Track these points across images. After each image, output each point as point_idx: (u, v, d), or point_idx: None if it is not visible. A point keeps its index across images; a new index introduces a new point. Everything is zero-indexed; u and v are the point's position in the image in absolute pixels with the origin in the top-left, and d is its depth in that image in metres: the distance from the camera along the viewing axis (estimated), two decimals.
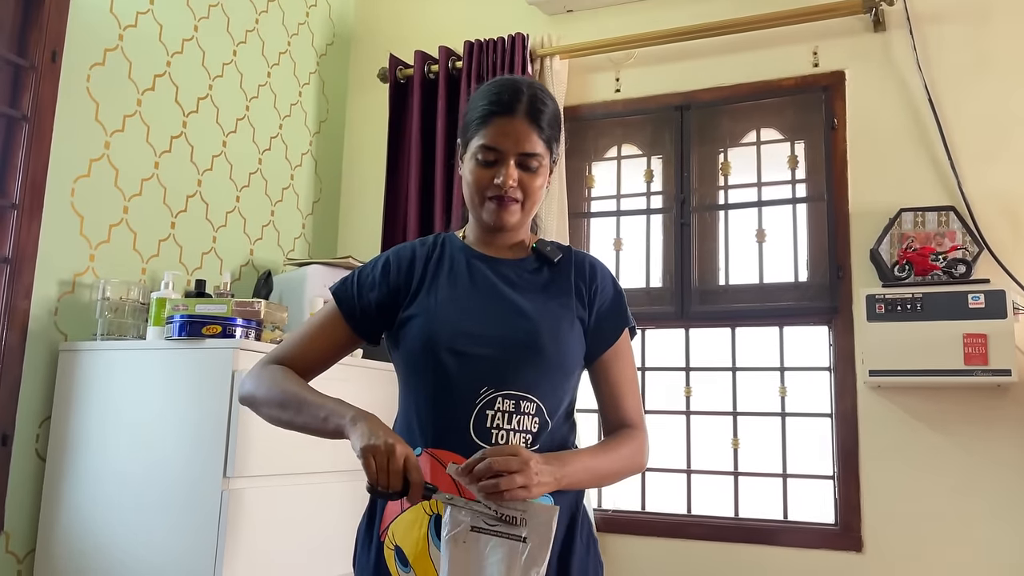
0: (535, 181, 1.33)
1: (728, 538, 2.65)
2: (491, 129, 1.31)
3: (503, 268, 1.38)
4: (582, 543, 1.33)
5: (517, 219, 1.34)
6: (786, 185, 2.83)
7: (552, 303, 1.35)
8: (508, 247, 1.41)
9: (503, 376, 1.26)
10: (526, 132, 1.31)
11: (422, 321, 1.31)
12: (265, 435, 2.02)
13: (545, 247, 1.41)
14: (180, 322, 2.06)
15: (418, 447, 1.27)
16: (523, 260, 1.40)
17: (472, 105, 1.37)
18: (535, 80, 1.78)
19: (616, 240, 3.03)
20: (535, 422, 1.27)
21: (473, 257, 1.39)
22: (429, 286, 1.36)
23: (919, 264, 2.46)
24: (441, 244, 1.42)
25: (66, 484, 2.11)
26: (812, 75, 2.79)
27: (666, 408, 2.88)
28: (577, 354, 1.35)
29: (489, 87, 1.37)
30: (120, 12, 2.43)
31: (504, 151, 1.31)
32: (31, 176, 2.14)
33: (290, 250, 3.11)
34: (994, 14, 2.60)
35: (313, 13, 3.30)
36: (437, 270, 1.38)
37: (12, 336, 2.08)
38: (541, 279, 1.38)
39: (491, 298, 1.34)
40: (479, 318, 1.31)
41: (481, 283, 1.35)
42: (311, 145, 3.26)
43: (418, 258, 1.39)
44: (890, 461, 2.51)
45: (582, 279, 1.39)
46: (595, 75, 3.08)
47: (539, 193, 1.36)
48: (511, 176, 1.30)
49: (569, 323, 1.34)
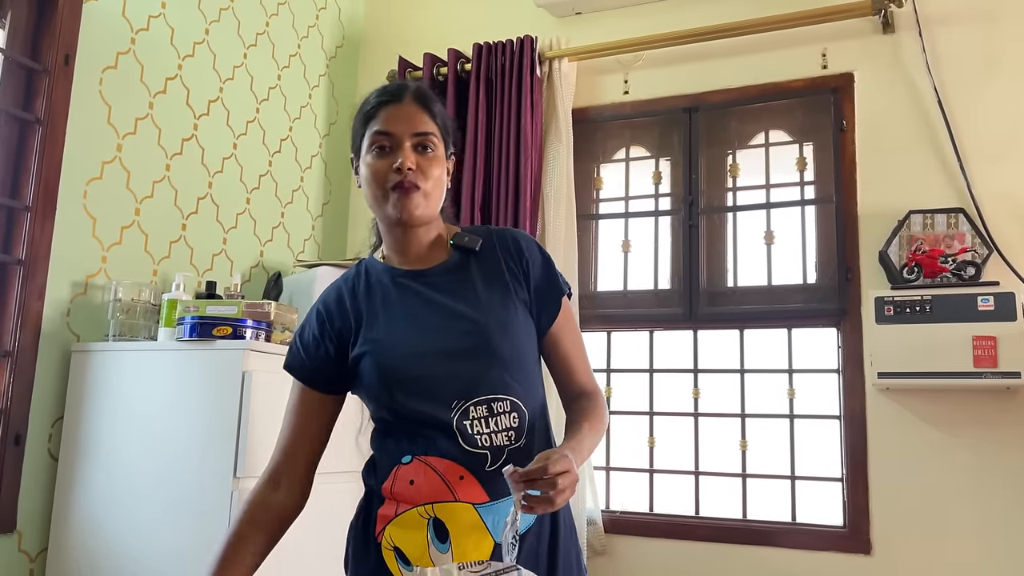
0: (433, 167, 1.31)
1: (736, 540, 2.65)
2: (382, 117, 1.32)
3: (429, 277, 1.35)
4: (566, 528, 1.34)
5: (422, 210, 1.30)
6: (795, 187, 2.83)
7: (489, 295, 1.33)
8: (426, 250, 1.37)
9: (468, 386, 1.26)
10: (417, 114, 1.32)
11: (372, 358, 1.30)
12: (275, 436, 2.04)
13: (463, 239, 1.38)
14: (191, 323, 2.07)
15: (406, 455, 1.27)
16: (446, 262, 1.37)
17: (361, 107, 1.37)
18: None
19: (624, 242, 3.03)
20: (514, 418, 1.27)
21: (398, 276, 1.36)
22: (368, 320, 1.34)
23: (928, 266, 2.46)
24: (365, 273, 1.40)
25: (78, 484, 2.13)
26: (821, 77, 2.78)
27: (674, 410, 2.88)
28: (529, 339, 1.34)
29: (375, 89, 1.38)
30: (132, 16, 2.45)
31: (398, 134, 1.30)
32: (44, 179, 2.16)
33: (300, 251, 3.12)
34: (1003, 15, 2.59)
35: (323, 16, 3.31)
36: (369, 301, 1.36)
37: (25, 337, 2.11)
38: (471, 274, 1.35)
39: (430, 313, 1.31)
40: (424, 337, 1.29)
41: (414, 300, 1.33)
42: (321, 147, 3.28)
43: (346, 296, 1.38)
44: (899, 463, 2.51)
45: (510, 257, 1.37)
46: (604, 77, 3.09)
47: (439, 182, 1.33)
48: (409, 158, 1.29)
49: (513, 311, 1.32)
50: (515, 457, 1.24)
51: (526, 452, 1.26)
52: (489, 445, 1.25)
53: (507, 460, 1.24)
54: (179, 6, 2.61)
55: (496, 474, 1.23)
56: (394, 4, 3.52)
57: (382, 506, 1.30)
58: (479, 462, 1.24)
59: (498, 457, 1.25)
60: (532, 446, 1.29)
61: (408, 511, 1.26)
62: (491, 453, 1.25)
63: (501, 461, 1.24)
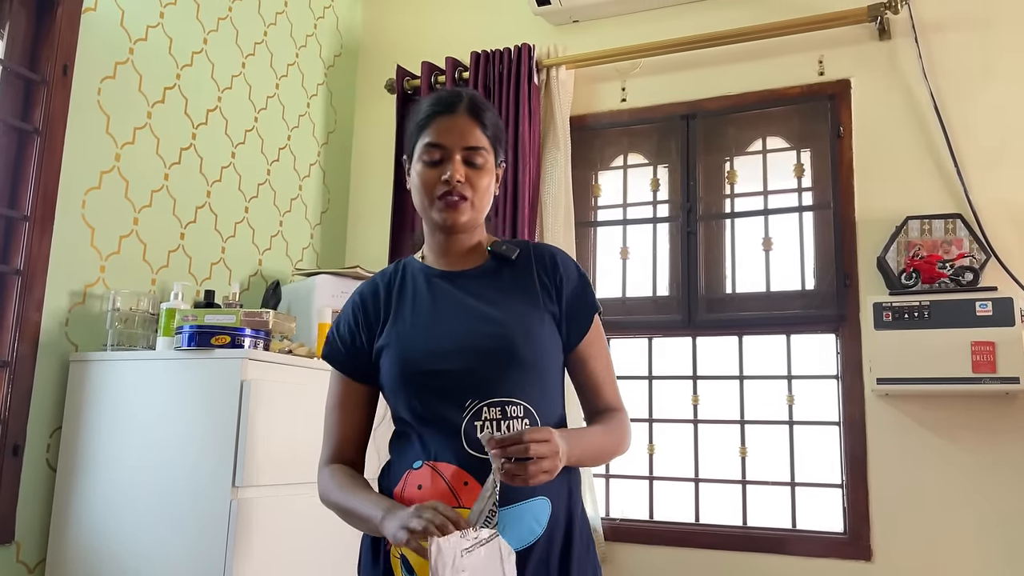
0: (482, 179, 1.35)
1: (736, 547, 2.65)
2: (434, 128, 1.35)
3: (463, 280, 1.39)
4: (581, 543, 1.33)
5: (468, 218, 1.35)
6: (792, 193, 2.83)
7: (518, 303, 1.35)
8: (465, 254, 1.41)
9: (484, 386, 1.28)
10: (469, 127, 1.35)
11: (394, 350, 1.33)
12: (273, 444, 2.04)
13: (501, 247, 1.42)
14: (189, 332, 2.07)
15: (417, 460, 1.29)
16: (482, 266, 1.41)
17: (414, 115, 1.40)
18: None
19: (623, 249, 3.04)
20: (525, 424, 1.28)
21: (433, 276, 1.40)
22: (395, 314, 1.37)
23: (926, 272, 2.46)
24: (402, 270, 1.44)
25: (76, 494, 2.12)
26: (818, 83, 2.79)
27: (674, 416, 2.88)
28: (553, 350, 1.36)
29: (428, 97, 1.41)
30: (130, 26, 2.46)
31: (449, 147, 1.33)
32: (43, 188, 2.16)
33: (298, 260, 3.12)
34: (999, 22, 2.60)
35: (321, 25, 3.32)
36: (401, 297, 1.40)
37: (24, 347, 2.10)
38: (503, 281, 1.38)
39: (457, 312, 1.35)
40: (448, 334, 1.32)
41: (444, 299, 1.37)
42: (319, 156, 3.28)
43: (381, 289, 1.42)
44: (899, 469, 2.50)
45: (545, 272, 1.39)
46: (601, 85, 3.10)
47: (487, 192, 1.37)
48: (458, 171, 1.32)
49: (539, 320, 1.35)
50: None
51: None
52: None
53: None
54: (177, 16, 2.62)
55: (502, 480, 1.22)
56: (392, 13, 3.53)
57: None
58: (484, 468, 1.24)
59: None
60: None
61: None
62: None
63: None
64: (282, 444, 2.06)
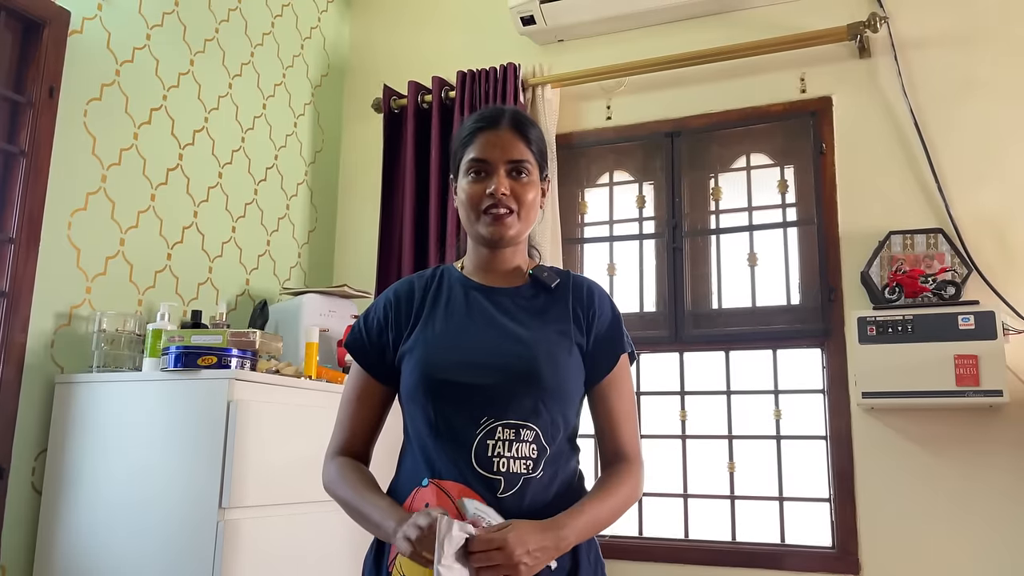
0: (527, 192, 1.36)
1: (726, 562, 2.65)
2: (479, 143, 1.36)
3: (500, 296, 1.38)
4: (589, 565, 1.32)
5: (514, 231, 1.35)
6: (776, 209, 2.86)
7: (549, 329, 1.35)
8: (506, 273, 1.41)
9: (503, 405, 1.27)
10: (512, 141, 1.36)
11: (419, 354, 1.32)
12: (261, 465, 2.03)
13: (542, 273, 1.42)
14: (176, 353, 2.07)
15: (424, 478, 1.28)
16: (520, 287, 1.41)
17: (459, 132, 1.42)
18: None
19: (610, 265, 3.05)
20: (533, 449, 1.27)
21: (470, 288, 1.40)
22: (426, 319, 1.37)
23: (909, 286, 2.48)
24: (439, 276, 1.44)
25: (62, 517, 2.11)
26: (800, 101, 2.83)
27: (661, 432, 2.89)
28: (576, 380, 1.35)
29: (474, 114, 1.43)
30: (117, 48, 2.47)
31: (493, 161, 1.35)
32: (28, 210, 2.16)
33: (286, 279, 3.12)
34: (977, 38, 2.64)
35: (308, 45, 3.34)
36: (435, 302, 1.39)
37: (8, 369, 2.09)
38: (538, 305, 1.38)
39: (488, 327, 1.34)
40: (476, 348, 1.31)
41: (477, 313, 1.36)
42: (306, 175, 3.29)
43: (416, 291, 1.41)
44: (885, 483, 2.52)
45: (580, 304, 1.39)
46: (586, 103, 3.13)
47: (533, 206, 1.37)
48: (503, 184, 1.33)
49: (567, 350, 1.34)
50: (532, 486, 1.25)
51: (544, 483, 1.27)
52: (506, 471, 1.25)
53: (522, 488, 1.25)
54: (164, 37, 2.63)
55: (506, 501, 1.23)
56: (378, 33, 3.56)
57: None
58: (491, 488, 1.24)
59: (512, 484, 1.24)
60: (553, 479, 1.29)
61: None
62: (505, 479, 1.24)
63: (516, 488, 1.24)
64: (269, 465, 2.06)
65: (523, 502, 1.24)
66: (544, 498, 1.26)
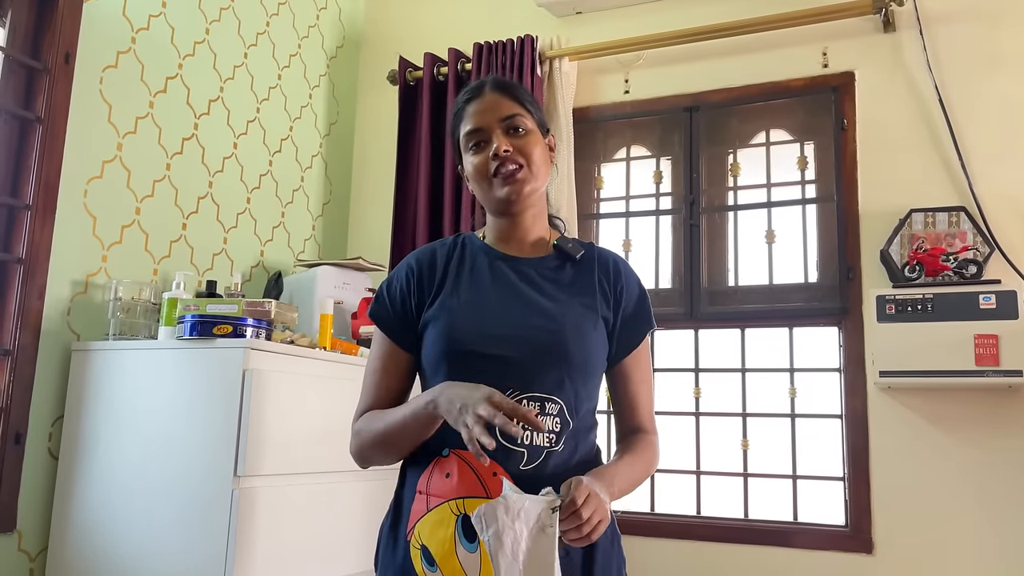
0: (529, 145, 1.34)
1: (738, 540, 2.65)
2: (469, 115, 1.36)
3: (524, 267, 1.37)
4: (606, 537, 1.31)
5: (529, 187, 1.33)
6: (795, 186, 2.83)
7: (575, 302, 1.34)
8: (529, 244, 1.39)
9: (528, 378, 1.26)
10: (498, 100, 1.36)
11: (444, 324, 1.31)
12: (276, 434, 2.04)
13: (567, 244, 1.40)
14: (191, 322, 2.07)
15: (445, 448, 1.27)
16: (544, 258, 1.39)
17: (453, 117, 1.42)
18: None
19: (625, 241, 3.03)
20: (557, 422, 1.27)
21: (495, 257, 1.38)
22: (451, 288, 1.35)
23: (929, 265, 2.45)
24: (461, 244, 1.42)
25: (78, 483, 2.12)
26: (822, 76, 2.78)
27: (675, 409, 2.88)
28: (601, 355, 1.34)
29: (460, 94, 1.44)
30: (133, 15, 2.45)
31: (487, 126, 1.34)
32: (44, 177, 2.16)
33: (300, 251, 3.12)
34: (1004, 14, 2.59)
35: (323, 16, 3.31)
36: (459, 271, 1.37)
37: (25, 336, 2.10)
38: (564, 277, 1.37)
39: (513, 299, 1.33)
40: (502, 320, 1.30)
41: (503, 283, 1.35)
42: (321, 147, 3.28)
43: (439, 259, 1.39)
44: (900, 462, 2.50)
45: (606, 277, 1.38)
46: (604, 77, 3.09)
47: (542, 160, 1.36)
48: (503, 142, 1.32)
49: (592, 323, 1.33)
50: (553, 459, 1.25)
51: (565, 457, 1.27)
52: (528, 443, 1.24)
53: (544, 460, 1.24)
54: (180, 5, 2.61)
55: (529, 474, 1.22)
56: (394, 4, 3.52)
57: (414, 503, 1.29)
58: (514, 460, 1.23)
59: (535, 457, 1.24)
60: (573, 452, 1.29)
61: (440, 505, 1.24)
62: (528, 452, 1.24)
63: (538, 462, 1.24)
64: (284, 433, 2.06)
65: (544, 475, 1.23)
66: (564, 472, 1.25)
